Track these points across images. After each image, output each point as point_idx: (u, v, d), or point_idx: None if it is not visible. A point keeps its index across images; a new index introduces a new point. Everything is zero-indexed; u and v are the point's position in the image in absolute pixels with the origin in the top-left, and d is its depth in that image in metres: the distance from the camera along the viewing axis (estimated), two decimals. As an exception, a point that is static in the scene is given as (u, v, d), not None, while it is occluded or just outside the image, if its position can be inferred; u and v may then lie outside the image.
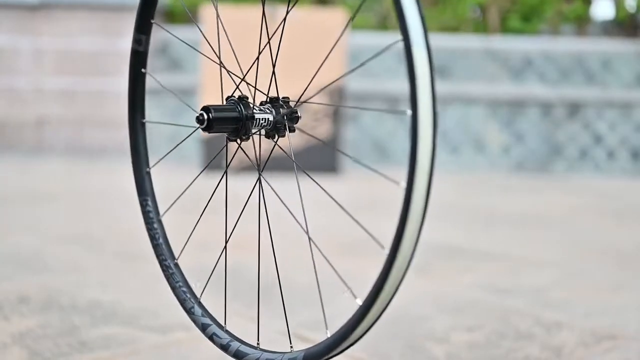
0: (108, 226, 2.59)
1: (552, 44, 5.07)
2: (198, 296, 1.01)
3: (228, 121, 0.89)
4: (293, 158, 0.89)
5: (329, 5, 5.50)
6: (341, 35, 0.93)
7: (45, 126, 4.78)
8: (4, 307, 1.62)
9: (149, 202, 1.04)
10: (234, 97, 0.91)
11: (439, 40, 4.99)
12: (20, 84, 4.77)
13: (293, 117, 0.91)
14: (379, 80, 4.88)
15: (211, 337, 0.97)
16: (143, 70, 1.03)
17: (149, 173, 1.07)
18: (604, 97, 4.74)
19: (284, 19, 0.90)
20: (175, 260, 1.03)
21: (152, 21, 1.00)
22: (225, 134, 0.91)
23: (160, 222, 1.05)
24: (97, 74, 4.76)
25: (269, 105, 0.92)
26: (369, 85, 4.75)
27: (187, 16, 5.58)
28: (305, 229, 0.89)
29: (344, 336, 0.80)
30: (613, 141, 4.73)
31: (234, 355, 0.95)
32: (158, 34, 4.96)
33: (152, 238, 1.03)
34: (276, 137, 0.93)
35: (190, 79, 4.73)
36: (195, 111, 0.89)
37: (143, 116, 1.04)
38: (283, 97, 0.93)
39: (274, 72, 0.93)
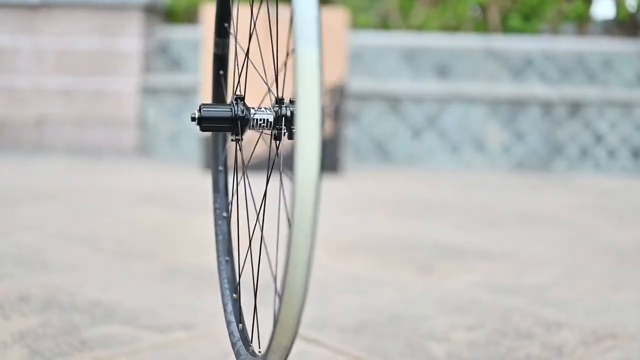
0: (108, 225, 2.59)
1: (552, 43, 5.07)
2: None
3: (219, 120, 0.90)
4: (274, 161, 0.89)
5: (329, 4, 5.50)
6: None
7: (45, 125, 4.78)
8: (5, 306, 1.62)
9: (218, 200, 1.07)
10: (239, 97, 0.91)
11: (439, 40, 4.99)
12: (20, 83, 4.77)
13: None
14: (381, 79, 4.88)
15: None
16: (221, 72, 1.05)
17: (221, 171, 1.10)
18: (605, 96, 4.74)
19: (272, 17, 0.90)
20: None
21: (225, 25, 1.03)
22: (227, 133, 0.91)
23: (225, 219, 1.07)
24: (97, 73, 4.76)
25: (274, 106, 0.91)
26: (371, 85, 4.74)
27: (186, 16, 5.58)
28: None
29: None
30: (614, 140, 4.73)
31: None
32: (158, 34, 4.96)
33: (215, 233, 1.06)
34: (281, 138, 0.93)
35: (190, 78, 4.73)
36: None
37: None
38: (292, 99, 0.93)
39: (276, 73, 0.92)
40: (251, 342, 0.96)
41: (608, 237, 2.68)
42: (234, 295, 1.04)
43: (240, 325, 0.99)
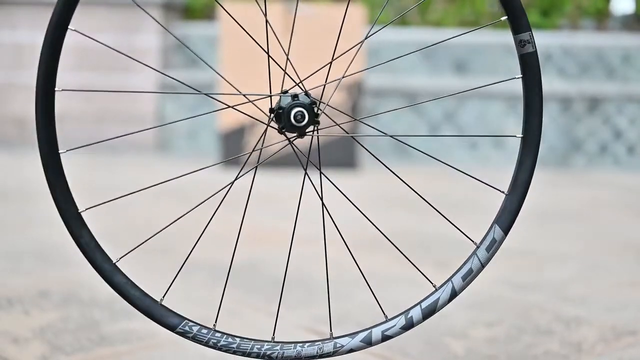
0: (127, 221, 2.60)
1: (571, 38, 5.04)
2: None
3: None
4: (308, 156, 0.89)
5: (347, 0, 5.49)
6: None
7: (65, 122, 4.81)
8: (25, 301, 1.63)
9: None
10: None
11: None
12: (39, 80, 4.80)
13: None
14: (399, 75, 4.87)
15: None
16: None
17: None
18: (624, 91, 4.71)
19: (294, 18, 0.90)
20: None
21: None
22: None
23: None
24: (116, 70, 4.78)
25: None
26: (388, 81, 4.74)
27: (204, 13, 5.60)
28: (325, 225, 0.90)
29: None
30: (633, 136, 4.70)
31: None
32: (176, 31, 4.98)
33: None
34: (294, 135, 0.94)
35: (208, 74, 4.74)
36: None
37: None
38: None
39: (285, 70, 0.93)
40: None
41: (627, 233, 2.66)
42: None
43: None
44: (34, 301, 1.63)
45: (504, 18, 0.84)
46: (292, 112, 0.90)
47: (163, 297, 0.97)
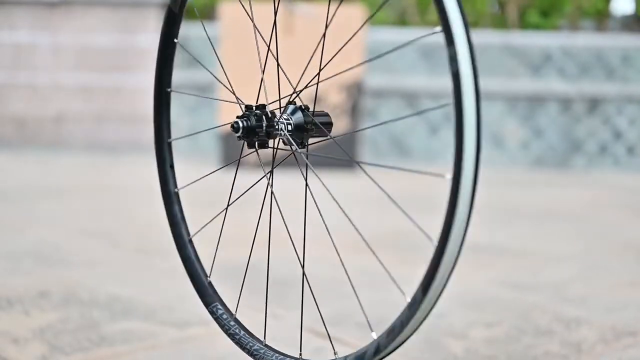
0: (127, 221, 2.60)
1: (571, 39, 5.04)
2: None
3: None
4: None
5: (348, 1, 5.49)
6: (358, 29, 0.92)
7: (64, 122, 4.81)
8: (25, 301, 1.63)
9: None
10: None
11: (457, 36, 4.97)
12: (39, 79, 4.79)
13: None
14: (398, 75, 4.87)
15: None
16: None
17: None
18: (624, 92, 4.71)
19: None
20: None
21: None
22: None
23: None
24: (115, 69, 4.78)
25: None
26: (388, 81, 4.74)
27: (203, 13, 5.59)
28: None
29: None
30: (633, 136, 4.70)
31: None
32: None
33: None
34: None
35: (208, 75, 4.74)
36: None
37: None
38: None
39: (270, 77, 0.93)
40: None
41: (627, 233, 2.66)
42: None
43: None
44: (34, 301, 1.63)
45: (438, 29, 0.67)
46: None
47: (209, 275, 1.05)
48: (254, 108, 0.94)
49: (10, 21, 4.84)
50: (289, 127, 0.92)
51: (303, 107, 0.93)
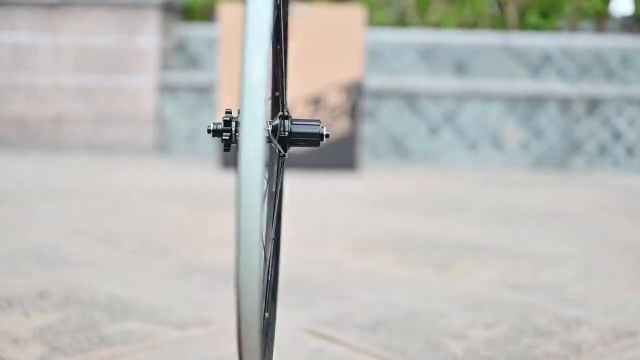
0: (126, 222, 2.60)
1: (571, 40, 5.04)
2: None
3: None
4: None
5: (347, 2, 5.49)
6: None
7: (64, 123, 4.81)
8: (24, 302, 1.63)
9: None
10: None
11: (456, 37, 4.98)
12: (39, 80, 4.79)
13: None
14: (398, 76, 4.87)
15: None
16: None
17: None
18: (624, 93, 4.71)
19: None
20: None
21: None
22: None
23: None
24: (115, 71, 4.78)
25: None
26: (388, 82, 4.74)
27: (204, 14, 5.60)
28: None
29: None
30: (633, 137, 4.70)
31: None
32: (176, 32, 4.98)
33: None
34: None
35: (208, 76, 4.74)
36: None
37: None
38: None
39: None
40: None
41: (627, 234, 2.66)
42: None
43: None
44: (34, 302, 1.63)
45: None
46: None
47: None
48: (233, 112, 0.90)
49: (11, 22, 4.84)
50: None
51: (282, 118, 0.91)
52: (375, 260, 2.14)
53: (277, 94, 0.94)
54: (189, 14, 5.51)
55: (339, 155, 4.11)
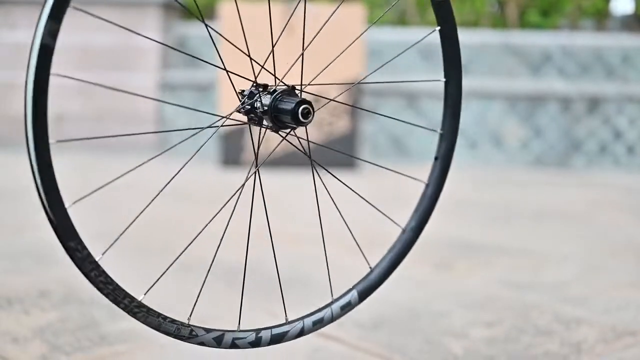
0: (127, 220, 2.60)
1: (571, 39, 5.04)
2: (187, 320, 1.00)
3: None
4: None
5: (347, 0, 5.49)
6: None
7: (65, 121, 4.81)
8: (25, 301, 1.63)
9: None
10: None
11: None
12: (39, 79, 4.80)
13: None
14: (398, 75, 4.87)
15: (233, 344, 0.96)
16: None
17: None
18: (624, 92, 4.71)
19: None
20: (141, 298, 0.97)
21: None
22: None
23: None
24: (116, 69, 4.78)
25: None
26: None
27: (204, 12, 5.60)
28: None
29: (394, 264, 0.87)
30: (633, 136, 4.70)
31: (270, 342, 0.96)
32: (176, 30, 4.98)
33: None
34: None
35: (208, 74, 4.74)
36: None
37: None
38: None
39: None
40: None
41: (627, 233, 2.66)
42: None
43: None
44: (34, 301, 1.63)
45: None
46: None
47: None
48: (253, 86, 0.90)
49: (10, 21, 4.84)
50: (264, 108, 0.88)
51: (285, 91, 0.89)
52: (375, 259, 2.14)
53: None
54: (189, 13, 5.51)
55: (339, 154, 4.10)
